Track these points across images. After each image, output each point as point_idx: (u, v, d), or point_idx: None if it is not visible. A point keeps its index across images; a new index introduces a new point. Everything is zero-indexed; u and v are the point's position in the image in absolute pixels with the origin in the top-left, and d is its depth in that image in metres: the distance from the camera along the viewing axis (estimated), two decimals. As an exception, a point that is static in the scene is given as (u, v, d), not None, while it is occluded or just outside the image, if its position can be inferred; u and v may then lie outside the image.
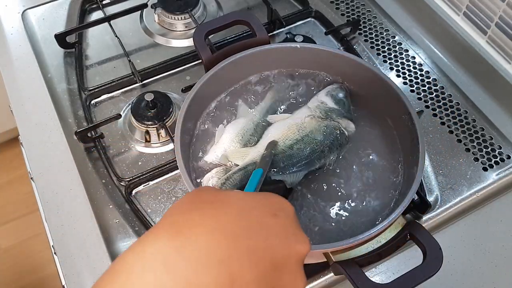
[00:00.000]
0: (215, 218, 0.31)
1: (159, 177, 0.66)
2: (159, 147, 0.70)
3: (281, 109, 0.63)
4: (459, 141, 0.70)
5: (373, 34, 0.82)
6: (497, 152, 0.69)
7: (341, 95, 0.62)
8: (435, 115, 0.73)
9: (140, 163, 0.68)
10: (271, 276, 0.31)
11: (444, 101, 0.74)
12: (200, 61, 0.63)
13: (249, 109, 0.62)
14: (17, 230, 1.61)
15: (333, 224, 0.54)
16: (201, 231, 0.30)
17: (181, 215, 0.32)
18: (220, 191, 0.36)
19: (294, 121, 0.59)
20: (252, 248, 0.30)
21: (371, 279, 0.46)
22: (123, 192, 0.65)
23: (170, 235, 0.30)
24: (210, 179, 0.55)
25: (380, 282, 0.46)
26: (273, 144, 0.56)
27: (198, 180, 0.57)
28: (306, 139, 0.57)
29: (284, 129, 0.58)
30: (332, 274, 0.57)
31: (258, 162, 0.54)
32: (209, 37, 0.74)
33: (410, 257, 0.60)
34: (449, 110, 0.73)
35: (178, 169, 0.56)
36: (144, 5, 0.84)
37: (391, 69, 0.78)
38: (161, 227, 0.31)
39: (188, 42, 0.82)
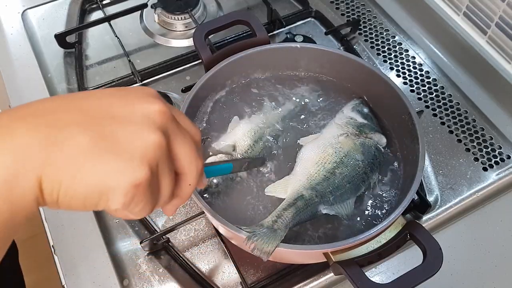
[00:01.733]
0: (62, 95, 0.33)
1: (159, 177, 0.66)
2: (159, 147, 0.69)
3: (298, 118, 0.63)
4: (459, 141, 0.70)
5: (373, 34, 0.82)
6: (497, 152, 0.69)
7: (366, 110, 0.61)
8: (435, 115, 0.73)
9: (140, 163, 0.68)
10: (107, 126, 0.30)
11: (444, 101, 0.74)
12: (200, 61, 0.63)
13: (270, 110, 0.63)
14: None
15: (333, 224, 0.54)
16: (42, 100, 0.31)
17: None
18: None
19: (327, 142, 0.58)
20: (83, 103, 0.31)
21: (371, 279, 0.46)
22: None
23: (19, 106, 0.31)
24: None
25: (380, 282, 0.46)
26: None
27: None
28: (346, 161, 0.56)
29: (320, 151, 0.57)
30: (332, 274, 0.57)
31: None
32: (209, 37, 0.74)
33: (410, 257, 0.60)
34: (449, 110, 0.73)
35: (178, 169, 0.55)
36: (144, 5, 0.84)
37: (391, 69, 0.78)
38: None
39: (188, 42, 0.82)
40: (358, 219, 0.55)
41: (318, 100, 0.64)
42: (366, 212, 0.55)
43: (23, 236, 1.59)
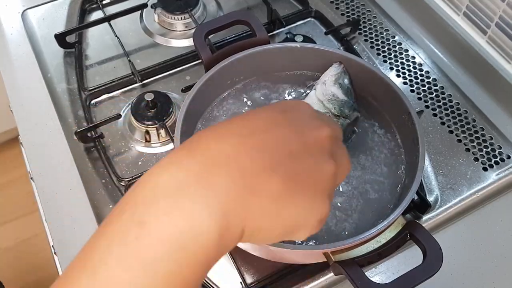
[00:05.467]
0: (226, 129, 0.33)
1: (159, 177, 0.66)
2: (159, 147, 0.70)
3: None
4: (459, 141, 0.70)
5: (373, 34, 0.82)
6: (497, 152, 0.69)
7: (346, 81, 0.60)
8: (435, 115, 0.73)
9: (140, 163, 0.68)
10: (289, 164, 0.31)
11: (444, 101, 0.74)
12: (200, 61, 0.63)
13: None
14: (17, 230, 1.61)
15: (333, 224, 0.54)
16: (211, 142, 0.31)
17: (196, 137, 0.33)
18: None
19: None
20: (260, 143, 0.31)
21: (371, 279, 0.46)
22: (123, 192, 0.65)
23: (181, 150, 0.32)
24: None
25: (380, 282, 0.46)
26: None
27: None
28: None
29: None
30: (332, 274, 0.57)
31: None
32: (209, 37, 0.74)
33: (410, 257, 0.60)
34: (449, 110, 0.73)
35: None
36: (144, 5, 0.84)
37: (391, 69, 0.78)
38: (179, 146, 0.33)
39: (188, 42, 0.82)
40: (358, 218, 0.55)
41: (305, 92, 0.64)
42: (366, 212, 0.55)
43: (23, 236, 1.59)
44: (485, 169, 0.67)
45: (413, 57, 0.79)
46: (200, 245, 0.28)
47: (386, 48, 0.81)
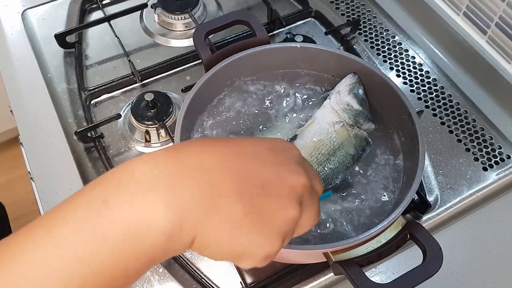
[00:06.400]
0: (213, 145, 0.35)
1: (159, 177, 0.66)
2: (159, 147, 0.70)
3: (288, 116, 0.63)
4: (459, 141, 0.70)
5: (373, 34, 0.82)
6: (497, 152, 0.69)
7: (361, 91, 0.60)
8: (435, 115, 0.73)
9: (140, 163, 0.68)
10: (256, 197, 0.32)
11: (444, 101, 0.74)
12: (200, 61, 0.63)
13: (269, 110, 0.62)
14: (17, 230, 1.61)
15: (333, 224, 0.54)
16: (195, 150, 0.33)
17: (185, 143, 0.35)
18: None
19: (323, 129, 0.58)
20: (238, 168, 0.33)
21: (371, 279, 0.46)
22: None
23: (167, 150, 0.33)
24: None
25: (380, 282, 0.46)
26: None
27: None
28: (339, 154, 0.57)
29: (315, 140, 0.57)
30: (332, 274, 0.57)
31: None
32: (209, 37, 0.74)
33: (410, 257, 0.60)
34: (449, 110, 0.73)
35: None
36: (144, 5, 0.84)
37: (391, 69, 0.78)
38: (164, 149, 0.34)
39: (188, 42, 0.82)
40: (359, 218, 0.55)
41: (318, 100, 0.64)
42: (366, 212, 0.55)
43: (23, 236, 1.59)
44: (485, 169, 0.67)
45: (413, 57, 0.79)
46: (149, 239, 0.29)
47: (386, 48, 0.81)
